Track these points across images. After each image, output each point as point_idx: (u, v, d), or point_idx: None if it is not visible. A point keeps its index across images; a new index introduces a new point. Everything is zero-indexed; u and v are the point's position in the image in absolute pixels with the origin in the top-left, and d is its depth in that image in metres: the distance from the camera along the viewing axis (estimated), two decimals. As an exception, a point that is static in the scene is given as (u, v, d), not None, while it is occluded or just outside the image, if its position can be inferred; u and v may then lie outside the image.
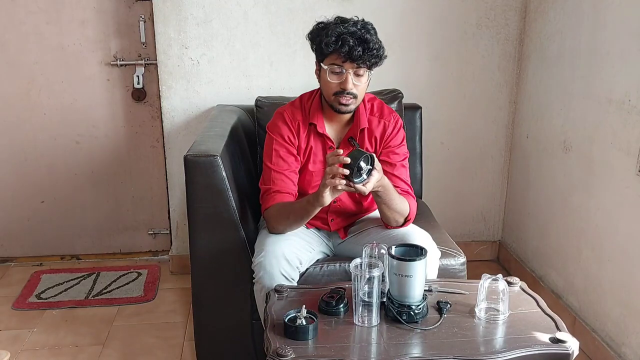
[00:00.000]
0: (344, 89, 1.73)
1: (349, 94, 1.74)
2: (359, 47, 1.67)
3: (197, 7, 2.52)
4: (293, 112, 1.87)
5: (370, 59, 1.70)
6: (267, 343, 1.38)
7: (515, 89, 2.78)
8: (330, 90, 1.75)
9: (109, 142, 2.83)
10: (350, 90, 1.73)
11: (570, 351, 1.36)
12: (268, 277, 1.70)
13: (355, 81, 1.73)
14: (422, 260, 1.45)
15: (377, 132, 1.88)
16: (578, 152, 2.28)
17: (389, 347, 1.38)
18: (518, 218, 2.83)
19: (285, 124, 1.85)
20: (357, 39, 1.67)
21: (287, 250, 1.74)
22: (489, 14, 2.67)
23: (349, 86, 1.72)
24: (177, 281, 2.76)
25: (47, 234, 2.92)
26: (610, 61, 2.06)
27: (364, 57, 1.68)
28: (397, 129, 1.89)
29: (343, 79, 1.72)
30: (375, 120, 1.89)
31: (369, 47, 1.68)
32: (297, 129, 1.85)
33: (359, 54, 1.67)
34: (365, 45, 1.67)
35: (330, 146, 1.86)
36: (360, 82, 1.75)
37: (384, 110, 1.91)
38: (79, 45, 2.70)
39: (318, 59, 1.78)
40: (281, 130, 1.85)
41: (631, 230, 1.96)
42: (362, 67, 1.71)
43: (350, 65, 1.70)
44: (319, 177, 1.84)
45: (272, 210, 1.80)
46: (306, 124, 1.86)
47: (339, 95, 1.74)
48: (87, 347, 2.24)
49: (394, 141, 1.89)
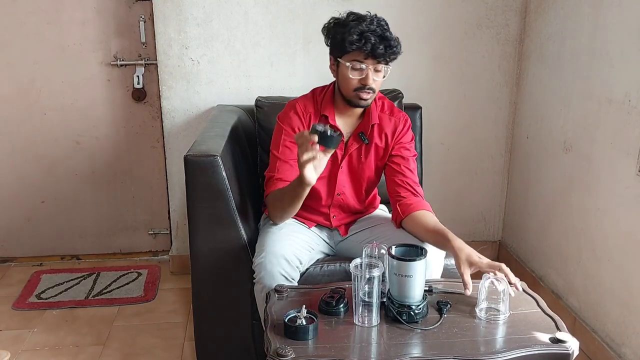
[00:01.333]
0: (364, 85, 1.77)
1: (369, 89, 1.78)
2: (381, 45, 1.71)
3: (197, 7, 2.52)
4: (305, 104, 1.90)
5: (390, 55, 1.75)
6: (267, 343, 1.38)
7: (515, 89, 2.78)
8: (351, 86, 1.79)
9: (109, 142, 2.84)
10: (371, 85, 1.77)
11: (570, 351, 1.36)
12: (268, 277, 1.70)
13: (375, 77, 1.78)
14: (422, 260, 1.44)
15: (388, 129, 1.91)
16: (578, 152, 2.28)
17: (389, 347, 1.37)
18: (518, 218, 2.83)
19: (297, 115, 1.88)
20: (378, 36, 1.71)
21: (287, 251, 1.74)
22: (489, 14, 2.67)
23: (370, 82, 1.77)
24: (177, 281, 2.76)
25: (47, 234, 2.93)
26: (610, 61, 2.06)
27: (385, 54, 1.73)
28: (407, 127, 1.94)
29: (364, 75, 1.76)
30: (386, 117, 1.93)
31: (390, 45, 1.73)
32: (308, 120, 1.88)
33: (382, 52, 1.72)
34: (386, 43, 1.72)
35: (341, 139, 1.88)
36: (379, 77, 1.79)
37: (394, 109, 1.96)
38: (79, 45, 2.70)
39: (336, 55, 1.81)
40: (292, 120, 1.87)
41: (631, 230, 1.96)
42: (382, 63, 1.76)
43: (371, 62, 1.75)
44: (328, 169, 1.87)
45: (270, 196, 1.84)
46: (318, 115, 1.89)
47: (360, 90, 1.78)
48: (87, 347, 2.24)
49: (405, 138, 1.93)
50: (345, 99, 1.84)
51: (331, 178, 1.91)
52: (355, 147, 1.90)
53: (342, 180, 1.91)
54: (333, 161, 1.88)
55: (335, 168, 1.90)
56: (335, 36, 1.78)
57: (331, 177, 1.91)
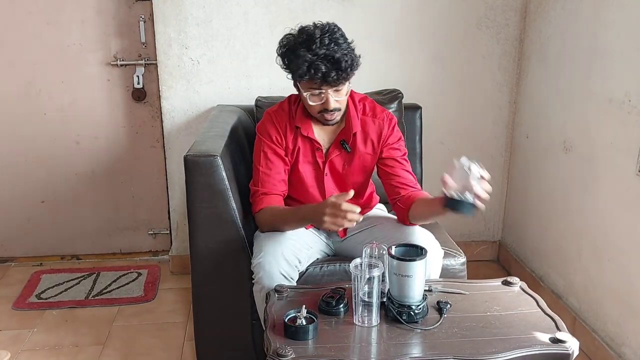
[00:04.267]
0: (327, 109, 1.75)
1: (332, 110, 1.76)
2: (332, 72, 1.65)
3: (197, 7, 2.52)
4: (279, 115, 1.89)
5: (344, 78, 1.70)
6: (267, 343, 1.38)
7: (515, 89, 2.78)
8: (314, 110, 1.78)
9: (109, 142, 2.83)
10: (333, 107, 1.75)
11: (570, 351, 1.36)
12: (267, 277, 1.70)
13: (336, 97, 1.74)
14: (422, 260, 1.45)
15: (373, 133, 1.88)
16: (578, 152, 2.28)
17: (389, 347, 1.38)
18: (518, 218, 2.83)
19: (273, 125, 1.87)
20: (328, 62, 1.65)
21: (285, 251, 1.74)
22: (489, 14, 2.67)
23: (332, 105, 1.74)
24: (177, 281, 2.76)
25: (47, 234, 2.93)
26: (610, 61, 2.06)
27: (339, 80, 1.69)
28: (392, 127, 1.90)
29: (324, 100, 1.74)
30: (369, 120, 1.89)
31: (341, 68, 1.66)
32: (284, 130, 1.87)
33: (335, 78, 1.67)
34: (337, 67, 1.66)
35: (317, 147, 1.87)
36: (341, 96, 1.76)
37: (376, 110, 1.91)
38: (79, 45, 2.70)
39: (293, 79, 1.77)
40: (269, 131, 1.87)
41: (631, 230, 1.96)
42: (341, 85, 1.72)
43: (328, 87, 1.71)
44: (309, 177, 1.89)
45: (263, 215, 1.83)
46: (293, 126, 1.87)
47: (324, 112, 1.77)
48: (87, 347, 2.24)
49: (392, 138, 1.90)
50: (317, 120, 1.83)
51: (319, 185, 1.91)
52: (336, 154, 1.88)
53: (329, 187, 1.91)
54: (316, 169, 1.89)
55: (320, 175, 1.90)
56: (288, 63, 1.74)
57: (319, 184, 1.91)
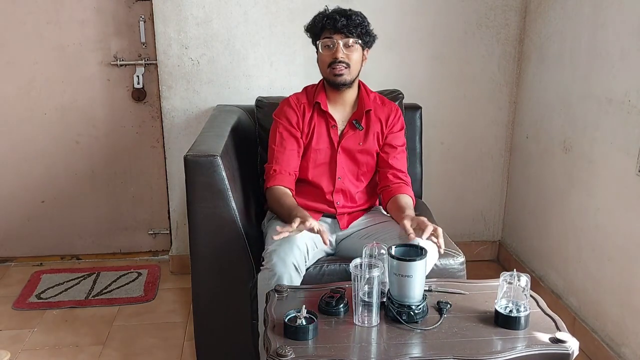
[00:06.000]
0: (335, 59, 1.87)
1: (341, 63, 1.87)
2: (342, 18, 1.85)
3: (197, 7, 2.52)
4: (298, 97, 2.02)
5: (355, 28, 1.86)
6: (267, 343, 1.38)
7: (515, 89, 2.78)
8: (325, 64, 1.91)
9: (109, 142, 2.83)
10: (342, 58, 1.87)
11: (570, 351, 1.36)
12: (281, 264, 1.70)
13: (346, 51, 1.88)
14: (422, 260, 1.45)
15: (382, 115, 2.02)
16: (578, 152, 2.28)
17: (389, 347, 1.38)
18: (518, 218, 2.83)
19: (291, 108, 1.99)
20: (339, 12, 1.87)
21: (299, 241, 1.76)
22: (489, 14, 2.67)
23: (340, 55, 1.87)
24: (177, 281, 2.76)
25: (47, 234, 2.93)
26: (610, 61, 2.06)
27: (349, 26, 1.85)
28: (398, 115, 2.05)
29: (334, 50, 1.88)
30: (379, 105, 2.04)
31: (351, 17, 1.86)
32: (302, 111, 1.98)
33: (344, 24, 1.84)
34: (347, 16, 1.86)
35: (332, 125, 1.98)
36: (351, 52, 1.88)
37: (385, 100, 2.07)
38: (79, 45, 2.70)
39: (314, 42, 1.94)
40: (287, 113, 1.98)
41: (631, 230, 1.96)
42: (350, 37, 1.86)
43: (339, 36, 1.86)
44: (323, 155, 1.99)
45: (271, 194, 1.93)
46: (311, 105, 1.99)
47: (333, 65, 1.88)
48: (87, 347, 2.24)
49: (396, 127, 2.04)
50: (328, 81, 1.94)
51: (332, 162, 1.99)
52: (350, 134, 1.99)
53: (341, 163, 1.99)
54: (331, 147, 1.98)
55: (334, 153, 1.99)
56: (309, 27, 1.94)
57: (332, 162, 2.00)
